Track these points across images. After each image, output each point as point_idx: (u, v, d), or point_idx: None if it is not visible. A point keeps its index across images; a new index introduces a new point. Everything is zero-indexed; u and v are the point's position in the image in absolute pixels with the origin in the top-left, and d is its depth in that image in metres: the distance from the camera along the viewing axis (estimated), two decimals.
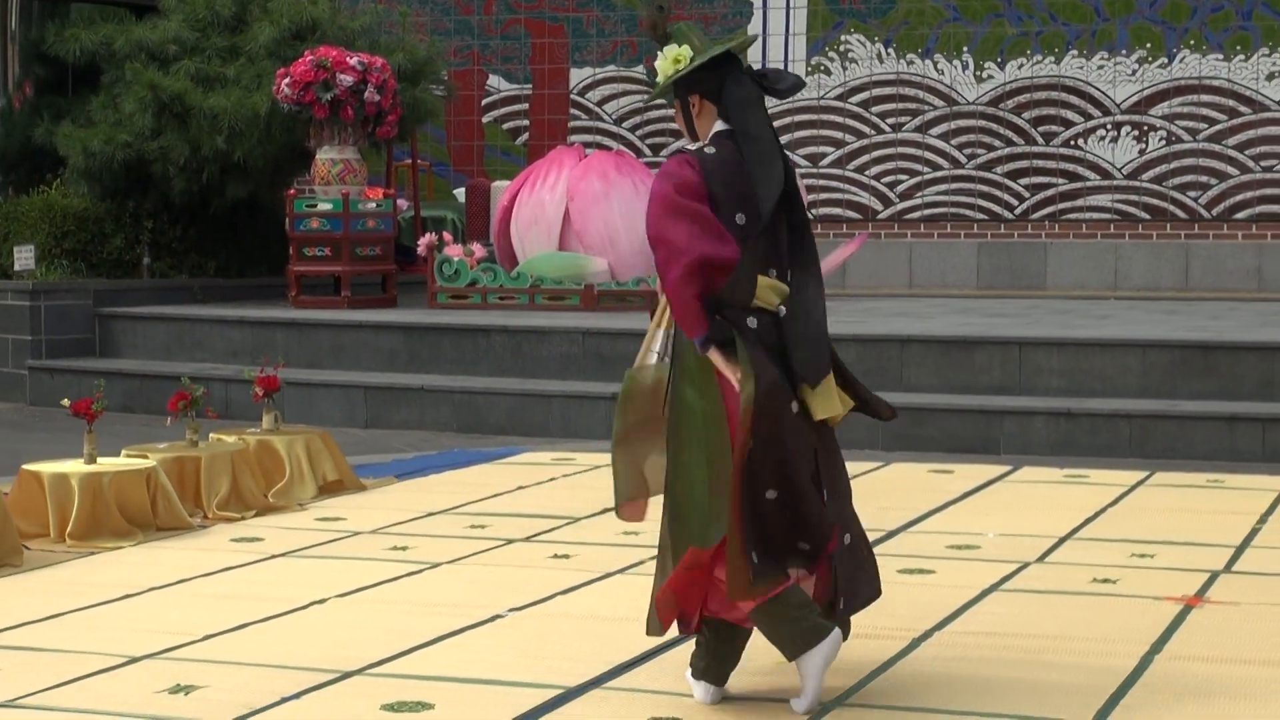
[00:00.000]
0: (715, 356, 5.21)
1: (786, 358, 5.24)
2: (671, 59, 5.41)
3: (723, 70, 5.38)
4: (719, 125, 5.40)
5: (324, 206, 14.74)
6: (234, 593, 6.98)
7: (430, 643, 6.12)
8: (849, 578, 5.43)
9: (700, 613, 5.39)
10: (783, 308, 5.24)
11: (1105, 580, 6.84)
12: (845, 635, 5.47)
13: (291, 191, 15.05)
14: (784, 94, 5.54)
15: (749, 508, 5.19)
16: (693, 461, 5.29)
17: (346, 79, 14.51)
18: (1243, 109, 17.36)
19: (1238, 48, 17.36)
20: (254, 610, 6.62)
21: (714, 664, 5.44)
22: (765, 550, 5.22)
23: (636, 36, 18.84)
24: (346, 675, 5.70)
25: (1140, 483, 9.50)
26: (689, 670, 5.50)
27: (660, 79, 5.47)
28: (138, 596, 6.92)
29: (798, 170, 16.96)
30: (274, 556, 7.73)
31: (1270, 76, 17.26)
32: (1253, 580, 7.07)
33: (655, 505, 5.55)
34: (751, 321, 5.20)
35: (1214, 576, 7.12)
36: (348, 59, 14.59)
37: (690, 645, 5.54)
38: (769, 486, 5.23)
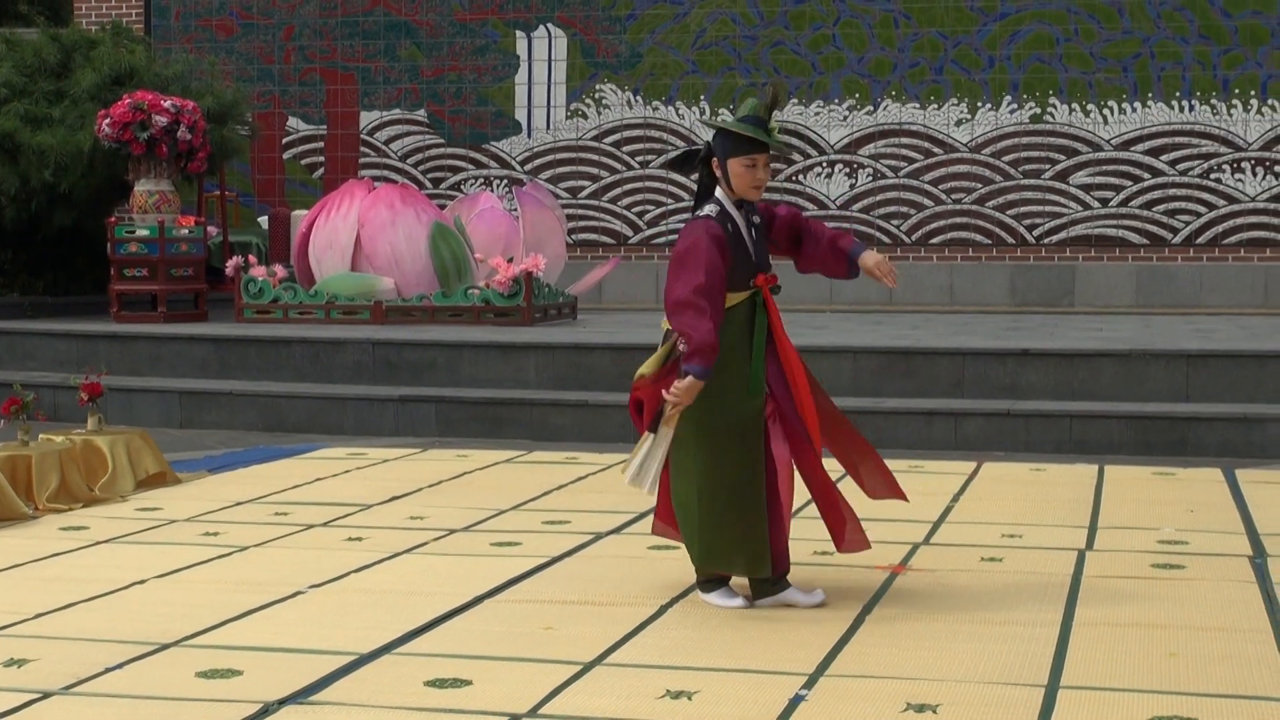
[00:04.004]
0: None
1: None
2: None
3: None
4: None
5: (142, 232, 14.46)
6: (63, 575, 6.81)
7: (239, 617, 6.03)
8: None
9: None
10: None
11: (823, 552, 6.94)
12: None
13: (113, 219, 14.78)
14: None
15: None
16: None
17: (161, 120, 14.27)
18: (936, 150, 17.74)
19: (932, 98, 17.73)
20: (81, 591, 6.47)
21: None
22: None
23: (419, 84, 18.74)
24: (164, 647, 5.59)
25: None
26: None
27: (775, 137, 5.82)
28: None
29: (560, 202, 17.02)
30: (99, 543, 7.56)
31: (959, 123, 17.66)
32: (947, 550, 7.23)
33: None
34: None
35: (915, 547, 7.26)
36: (162, 102, 14.35)
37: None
38: None
